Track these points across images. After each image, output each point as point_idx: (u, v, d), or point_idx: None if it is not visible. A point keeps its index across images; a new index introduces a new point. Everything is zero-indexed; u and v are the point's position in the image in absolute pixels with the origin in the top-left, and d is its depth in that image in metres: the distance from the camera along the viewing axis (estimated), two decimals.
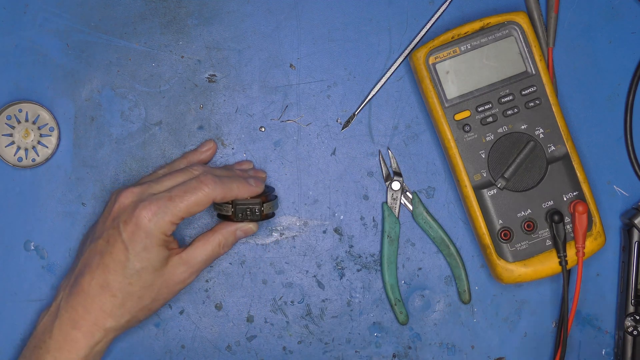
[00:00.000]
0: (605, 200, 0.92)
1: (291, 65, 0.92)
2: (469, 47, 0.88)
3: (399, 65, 0.92)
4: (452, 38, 0.87)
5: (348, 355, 0.92)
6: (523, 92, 0.88)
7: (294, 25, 0.93)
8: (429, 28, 0.92)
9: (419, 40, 0.92)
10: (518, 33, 0.87)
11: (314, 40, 0.93)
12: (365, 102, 0.92)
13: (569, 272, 0.89)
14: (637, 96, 0.93)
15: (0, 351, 0.91)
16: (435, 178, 0.92)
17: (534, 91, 0.88)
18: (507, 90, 0.88)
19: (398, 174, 0.92)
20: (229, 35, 0.92)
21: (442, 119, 0.88)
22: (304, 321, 0.92)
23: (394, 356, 0.92)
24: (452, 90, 0.88)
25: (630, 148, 0.92)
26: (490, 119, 0.87)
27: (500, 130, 0.88)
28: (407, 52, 0.92)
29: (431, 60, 0.88)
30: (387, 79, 0.92)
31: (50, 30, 0.92)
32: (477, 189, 0.88)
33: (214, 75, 0.92)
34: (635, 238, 0.89)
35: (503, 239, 0.87)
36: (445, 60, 0.87)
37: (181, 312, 0.92)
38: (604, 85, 0.93)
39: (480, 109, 0.87)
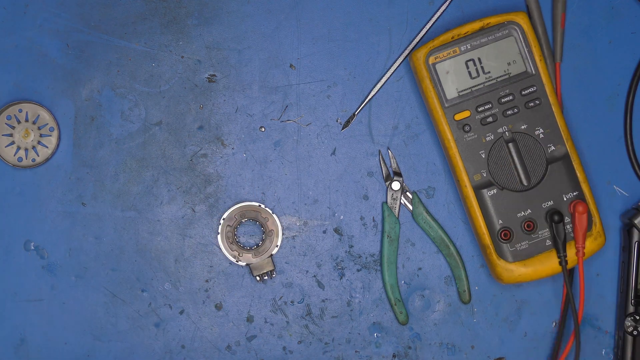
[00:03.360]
0: (605, 200, 0.92)
1: (291, 65, 0.92)
2: (468, 47, 0.87)
3: (399, 65, 0.92)
4: (452, 38, 0.87)
5: (348, 355, 0.92)
6: (523, 92, 0.87)
7: (294, 25, 0.93)
8: (429, 28, 0.92)
9: (419, 40, 0.92)
10: (518, 33, 0.87)
11: (314, 40, 0.93)
12: (365, 102, 0.92)
13: (569, 271, 0.89)
14: (637, 96, 0.93)
15: (0, 351, 0.91)
16: (435, 178, 0.92)
17: (534, 91, 0.88)
18: (507, 90, 0.87)
19: (398, 174, 0.92)
20: (229, 35, 0.92)
21: (442, 119, 0.88)
22: (304, 321, 0.92)
23: (394, 356, 0.92)
24: (452, 90, 0.88)
25: (630, 148, 0.92)
26: (490, 119, 0.87)
27: (500, 130, 0.88)
28: (407, 52, 0.92)
29: (431, 60, 0.88)
30: (387, 79, 0.92)
31: (50, 30, 0.92)
32: (477, 189, 0.88)
33: (214, 75, 0.92)
34: (635, 238, 0.89)
35: (503, 239, 0.87)
36: (445, 60, 0.87)
37: (181, 312, 0.92)
38: (604, 85, 0.93)
39: (480, 109, 0.87)
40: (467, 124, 0.88)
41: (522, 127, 0.88)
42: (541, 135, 0.88)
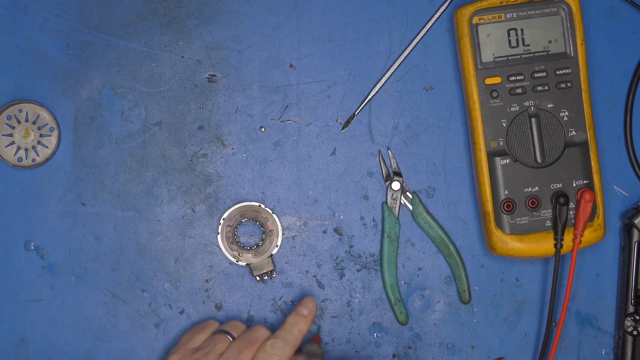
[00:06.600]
0: (605, 200, 0.92)
1: (291, 65, 0.93)
2: (514, 15, 0.88)
3: (399, 65, 0.92)
4: (500, 3, 0.87)
5: (348, 355, 0.92)
6: (557, 72, 0.88)
7: (294, 25, 0.93)
8: (429, 28, 0.92)
9: (418, 41, 0.92)
10: (566, 13, 0.88)
11: (314, 40, 0.93)
12: (365, 102, 0.92)
13: (562, 256, 0.90)
14: (637, 96, 0.93)
15: (0, 351, 0.91)
16: (435, 178, 0.92)
17: (568, 73, 0.88)
18: (542, 67, 0.88)
19: (398, 174, 0.92)
20: (229, 35, 0.93)
21: (472, 80, 0.88)
22: None
23: (394, 356, 0.92)
24: (488, 54, 0.88)
25: (630, 148, 0.92)
26: (519, 90, 0.88)
27: (526, 103, 0.88)
28: (406, 52, 0.92)
29: (475, 20, 0.88)
30: (387, 79, 0.92)
31: (50, 30, 0.92)
32: (491, 155, 0.88)
33: (214, 75, 0.92)
34: (635, 238, 0.90)
35: (505, 210, 0.87)
36: (488, 23, 0.88)
37: (181, 312, 0.92)
38: (604, 85, 0.93)
39: (512, 78, 0.88)
40: (496, 90, 0.88)
41: (549, 105, 0.88)
42: (565, 118, 0.88)
